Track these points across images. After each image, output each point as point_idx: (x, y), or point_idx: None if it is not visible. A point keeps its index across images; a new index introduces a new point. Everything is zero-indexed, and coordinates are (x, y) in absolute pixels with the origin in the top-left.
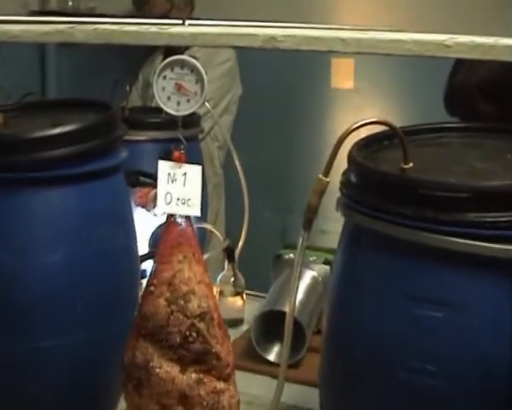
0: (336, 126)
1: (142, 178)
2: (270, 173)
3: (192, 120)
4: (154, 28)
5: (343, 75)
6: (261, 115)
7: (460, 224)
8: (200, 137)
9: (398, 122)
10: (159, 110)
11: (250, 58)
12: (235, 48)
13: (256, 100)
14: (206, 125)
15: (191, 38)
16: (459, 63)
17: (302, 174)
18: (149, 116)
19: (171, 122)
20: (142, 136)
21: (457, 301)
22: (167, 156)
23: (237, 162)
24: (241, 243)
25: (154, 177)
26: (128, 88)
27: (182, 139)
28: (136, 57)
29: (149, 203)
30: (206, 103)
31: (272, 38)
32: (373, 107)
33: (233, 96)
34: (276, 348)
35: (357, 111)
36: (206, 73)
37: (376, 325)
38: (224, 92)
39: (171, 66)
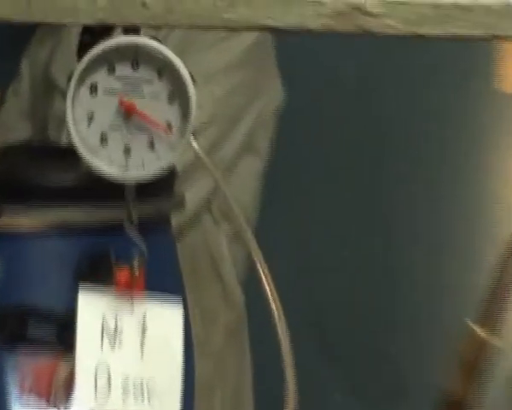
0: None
1: (33, 331)
2: (346, 306)
3: (161, 183)
4: None
5: None
6: (328, 158)
7: None
8: (178, 224)
9: None
10: (74, 154)
11: None
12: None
13: (317, 120)
14: (199, 186)
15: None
16: None
17: (424, 307)
18: (53, 167)
19: (107, 187)
20: (32, 219)
21: None
22: (99, 275)
23: (266, 282)
24: None
25: (66, 325)
26: None
27: (134, 235)
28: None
29: (56, 392)
30: (194, 144)
31: (355, 7)
32: None
33: (261, 112)
34: None
35: None
36: (195, 80)
37: None
38: (239, 107)
39: (108, 59)
